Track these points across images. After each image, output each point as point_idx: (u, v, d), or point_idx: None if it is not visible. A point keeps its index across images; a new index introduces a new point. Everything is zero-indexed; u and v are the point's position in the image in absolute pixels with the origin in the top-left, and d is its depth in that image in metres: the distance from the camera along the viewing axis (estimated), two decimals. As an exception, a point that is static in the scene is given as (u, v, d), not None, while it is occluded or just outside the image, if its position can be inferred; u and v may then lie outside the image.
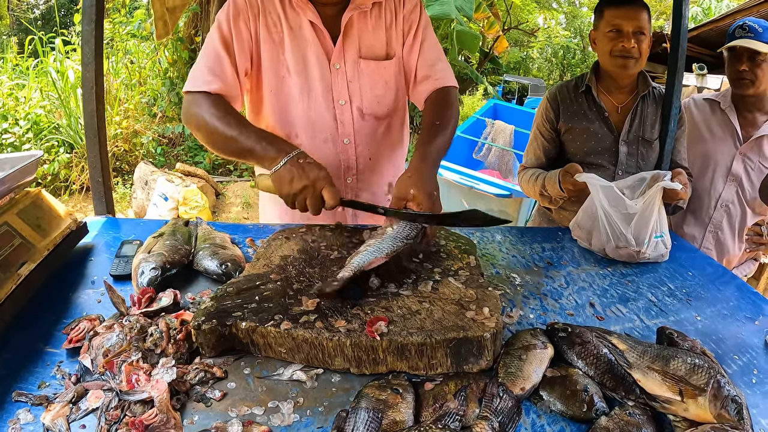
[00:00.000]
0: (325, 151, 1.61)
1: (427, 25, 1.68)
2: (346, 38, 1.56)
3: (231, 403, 0.91)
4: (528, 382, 0.96)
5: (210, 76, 1.45)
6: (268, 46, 1.53)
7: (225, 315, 1.00)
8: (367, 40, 1.59)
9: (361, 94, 1.60)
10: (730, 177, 2.19)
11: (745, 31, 2.00)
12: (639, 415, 0.91)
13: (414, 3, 1.64)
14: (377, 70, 1.61)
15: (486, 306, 1.05)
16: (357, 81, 1.59)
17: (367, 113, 1.63)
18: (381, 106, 1.64)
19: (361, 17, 1.57)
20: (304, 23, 1.52)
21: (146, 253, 1.29)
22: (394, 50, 1.64)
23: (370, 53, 1.60)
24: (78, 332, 1.04)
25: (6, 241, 1.17)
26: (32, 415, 0.87)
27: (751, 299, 1.43)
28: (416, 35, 1.64)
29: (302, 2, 1.51)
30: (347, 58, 1.57)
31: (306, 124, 1.58)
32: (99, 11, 1.59)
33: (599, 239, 1.59)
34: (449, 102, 1.60)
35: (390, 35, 1.62)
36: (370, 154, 1.67)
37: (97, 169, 1.68)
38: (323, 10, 1.53)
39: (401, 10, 1.63)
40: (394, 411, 0.85)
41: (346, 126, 1.61)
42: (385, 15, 1.61)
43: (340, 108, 1.59)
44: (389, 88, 1.65)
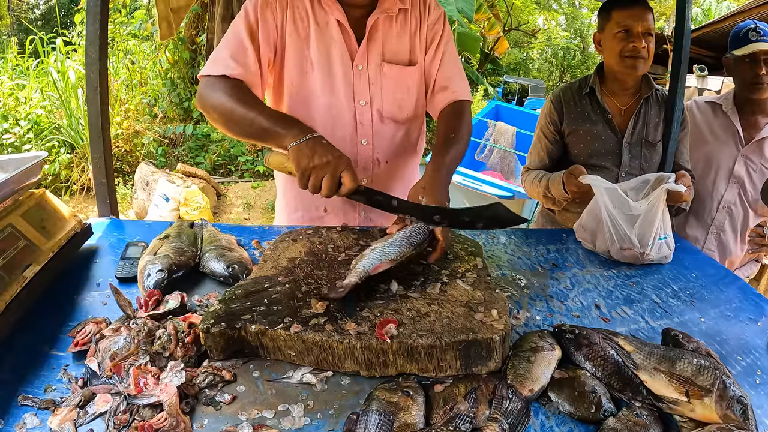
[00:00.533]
0: (342, 149, 1.59)
1: (450, 39, 1.70)
2: (371, 41, 1.57)
3: (241, 406, 0.91)
4: (536, 383, 0.96)
5: (232, 62, 1.43)
6: (293, 40, 1.53)
7: (234, 318, 1.00)
8: (392, 45, 1.60)
9: (382, 97, 1.61)
10: (732, 179, 2.19)
11: (759, 35, 1.98)
12: (646, 415, 0.91)
13: (438, 14, 1.66)
14: (400, 75, 1.62)
15: (494, 308, 1.05)
16: (379, 84, 1.60)
17: (387, 117, 1.63)
18: (401, 111, 1.65)
19: (386, 21, 1.58)
20: (330, 21, 1.53)
21: (152, 255, 1.28)
22: (417, 57, 1.64)
23: (394, 58, 1.61)
24: (84, 335, 1.04)
25: (11, 243, 1.16)
26: (39, 420, 0.86)
27: (754, 300, 1.44)
28: (439, 46, 1.65)
29: (331, 1, 1.52)
30: (370, 61, 1.58)
31: (326, 120, 1.58)
32: (104, 12, 1.59)
33: (603, 241, 1.60)
34: (463, 115, 1.62)
35: (414, 42, 1.63)
36: (386, 157, 1.68)
37: (101, 171, 1.67)
38: (350, 11, 1.54)
39: (426, 19, 1.64)
40: (405, 413, 0.85)
41: (366, 127, 1.61)
42: (410, 22, 1.62)
43: (360, 108, 1.59)
44: (410, 94, 1.65)
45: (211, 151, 6.95)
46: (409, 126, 1.70)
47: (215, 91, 1.40)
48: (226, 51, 1.45)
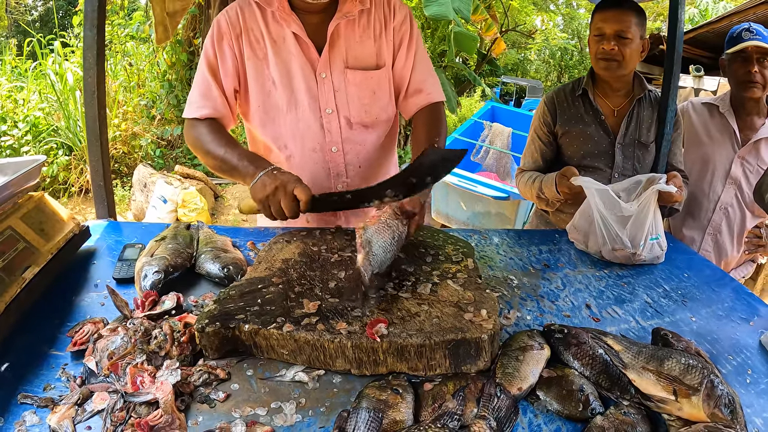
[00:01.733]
0: (315, 159, 1.63)
1: (419, 37, 1.68)
2: (333, 48, 1.56)
3: (234, 404, 0.92)
4: (525, 382, 0.97)
5: (201, 101, 1.54)
6: (252, 63, 1.55)
7: (228, 318, 1.02)
8: (354, 50, 1.58)
9: (348, 104, 1.60)
10: (728, 180, 2.20)
11: (752, 34, 2.00)
12: (634, 414, 0.93)
13: (404, 14, 1.64)
14: (364, 80, 1.60)
15: (484, 308, 1.06)
16: (344, 90, 1.59)
17: (355, 122, 1.63)
18: (369, 115, 1.64)
19: (348, 26, 1.56)
20: (287, 35, 1.52)
21: (149, 256, 1.30)
22: (384, 60, 1.62)
23: (357, 63, 1.59)
24: (82, 335, 1.06)
25: (10, 246, 1.18)
26: (38, 417, 0.88)
27: (746, 300, 1.45)
28: (410, 48, 1.64)
29: (285, 14, 1.51)
30: (333, 68, 1.56)
31: (294, 134, 1.59)
32: (101, 17, 1.61)
33: (595, 241, 1.61)
34: (440, 118, 1.66)
35: (380, 45, 1.61)
36: (359, 161, 1.68)
37: (98, 173, 1.69)
38: (308, 18, 1.53)
39: (391, 20, 1.62)
40: (394, 411, 0.87)
41: (334, 135, 1.61)
42: (374, 24, 1.60)
43: (327, 117, 1.59)
44: (377, 98, 1.64)
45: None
46: (379, 129, 1.70)
47: (193, 132, 1.55)
48: (196, 91, 1.57)
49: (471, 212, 4.44)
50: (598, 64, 1.93)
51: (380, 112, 1.66)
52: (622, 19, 1.83)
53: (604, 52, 1.87)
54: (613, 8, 1.85)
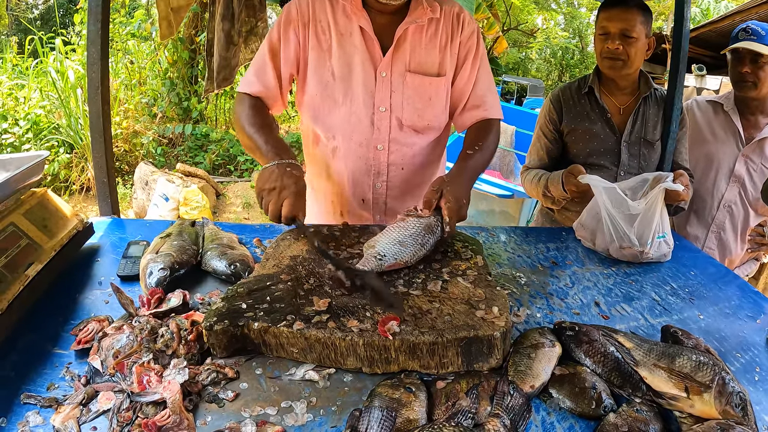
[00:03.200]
0: (359, 154, 1.65)
1: (484, 54, 1.69)
2: (397, 50, 1.57)
3: (244, 403, 0.91)
4: (537, 380, 0.96)
5: (254, 78, 1.60)
6: (315, 53, 1.58)
7: (237, 315, 1.01)
8: (419, 55, 1.60)
9: (403, 106, 1.61)
10: (732, 178, 2.20)
11: (747, 34, 2.01)
12: (646, 411, 0.92)
13: (472, 29, 1.65)
14: (423, 85, 1.61)
15: (495, 305, 1.05)
16: (401, 92, 1.60)
17: (407, 124, 1.63)
18: (421, 120, 1.64)
19: (416, 31, 1.58)
20: (354, 29, 1.55)
21: (154, 253, 1.29)
22: (445, 70, 1.63)
23: (419, 68, 1.60)
24: (87, 333, 1.04)
25: (13, 242, 1.16)
26: (41, 417, 0.86)
27: (753, 298, 1.44)
28: (474, 63, 1.65)
29: (357, 9, 1.54)
30: (394, 69, 1.58)
31: (345, 127, 1.61)
32: (105, 11, 1.59)
33: (603, 239, 1.60)
34: (492, 130, 1.65)
35: (444, 56, 1.62)
36: (402, 164, 1.69)
37: (102, 170, 1.67)
38: (377, 17, 1.56)
39: (458, 34, 1.63)
40: (407, 409, 0.86)
41: (382, 132, 1.62)
42: (441, 34, 1.61)
43: (379, 114, 1.60)
44: (432, 105, 1.64)
45: (211, 150, 6.95)
46: (429, 135, 1.70)
47: (237, 106, 1.60)
48: (252, 69, 1.62)
49: (475, 210, 4.43)
50: (603, 63, 1.92)
51: (433, 119, 1.66)
52: (627, 18, 1.82)
53: (609, 51, 1.87)
54: (618, 7, 1.85)
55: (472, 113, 1.68)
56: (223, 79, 3.31)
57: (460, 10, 1.65)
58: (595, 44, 1.97)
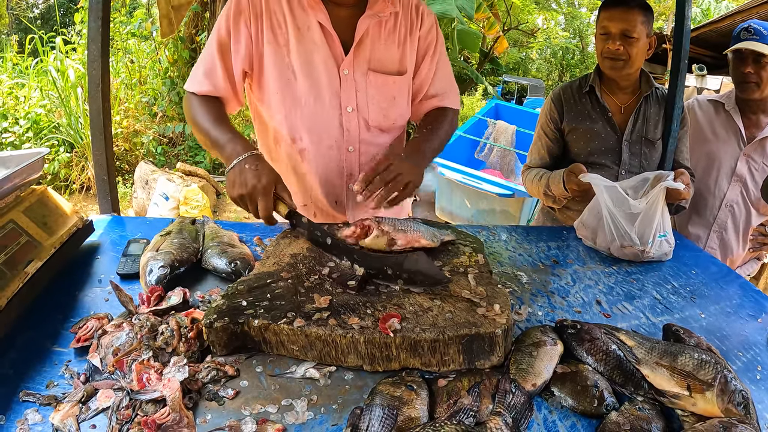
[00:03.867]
0: (329, 157, 1.60)
1: (443, 45, 1.68)
2: (359, 46, 1.52)
3: (244, 401, 0.91)
4: (539, 378, 0.96)
5: (203, 77, 1.50)
6: (272, 48, 1.49)
7: (237, 313, 1.00)
8: (379, 52, 1.55)
9: (368, 106, 1.57)
10: (734, 178, 2.19)
11: (750, 34, 2.00)
12: (648, 409, 0.92)
13: (431, 22, 1.62)
14: (386, 85, 1.57)
15: (497, 303, 1.05)
16: (365, 92, 1.55)
17: (373, 125, 1.60)
18: (386, 120, 1.61)
19: (376, 27, 1.53)
20: (312, 24, 1.47)
21: (154, 251, 1.28)
22: (406, 67, 1.60)
23: (381, 66, 1.56)
24: (86, 331, 1.03)
25: (12, 239, 1.16)
26: (41, 415, 0.86)
27: (754, 297, 1.44)
28: (434, 57, 1.63)
29: (314, 1, 1.46)
30: (357, 67, 1.53)
31: (312, 128, 1.56)
32: (106, 9, 1.59)
33: (604, 238, 1.60)
34: (446, 117, 1.66)
35: (403, 51, 1.58)
36: (371, 164, 1.64)
37: (102, 168, 1.67)
38: (335, 10, 1.49)
39: (418, 28, 1.59)
40: (409, 407, 0.85)
41: (352, 134, 1.59)
42: (400, 29, 1.57)
43: (347, 115, 1.56)
44: (396, 104, 1.61)
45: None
46: (393, 134, 1.68)
47: (188, 106, 1.52)
48: (201, 67, 1.52)
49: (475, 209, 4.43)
50: (604, 63, 1.92)
51: (398, 118, 1.64)
52: (628, 18, 1.82)
53: (610, 52, 1.86)
54: (619, 6, 1.84)
55: (429, 103, 1.68)
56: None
57: (418, 2, 1.61)
58: (595, 44, 1.97)
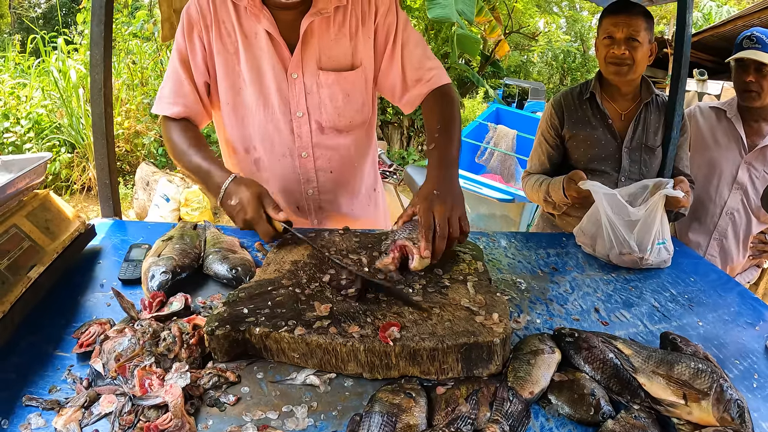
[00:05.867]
0: (284, 164, 1.58)
1: (406, 25, 1.56)
2: (305, 46, 1.47)
3: (245, 407, 0.91)
4: (537, 386, 0.97)
5: (172, 98, 1.49)
6: (222, 58, 1.47)
7: (238, 320, 1.01)
8: (328, 49, 1.49)
9: (320, 107, 1.53)
10: (735, 185, 2.20)
11: (752, 42, 2.00)
12: (644, 418, 0.92)
13: (387, 6, 1.53)
14: (338, 82, 1.51)
15: (495, 311, 1.06)
16: (316, 93, 1.51)
17: (327, 126, 1.56)
18: (342, 119, 1.56)
19: (322, 24, 1.47)
20: (259, 31, 1.45)
21: (156, 256, 1.29)
22: (360, 60, 1.53)
23: (331, 63, 1.50)
24: (88, 336, 1.04)
25: (15, 244, 1.16)
26: (44, 420, 0.87)
27: (752, 305, 1.45)
28: (395, 41, 1.54)
29: (257, 9, 1.42)
30: (305, 68, 1.49)
31: (264, 136, 1.54)
32: (108, 13, 1.60)
33: (603, 245, 1.61)
34: (449, 100, 1.54)
35: (356, 44, 1.52)
36: (330, 167, 1.62)
37: (104, 172, 1.68)
38: (281, 15, 1.45)
39: (370, 16, 1.52)
40: (407, 415, 0.86)
41: (304, 139, 1.55)
42: (350, 21, 1.50)
43: (297, 120, 1.53)
44: (350, 100, 1.55)
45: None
46: (353, 132, 1.62)
47: (165, 132, 1.51)
48: (168, 86, 1.50)
49: (475, 214, 4.44)
50: (607, 68, 1.92)
51: (354, 115, 1.58)
52: (633, 24, 1.83)
53: (615, 57, 1.87)
54: (623, 13, 1.85)
55: (417, 89, 1.57)
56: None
57: None
58: (597, 50, 1.98)
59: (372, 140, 1.76)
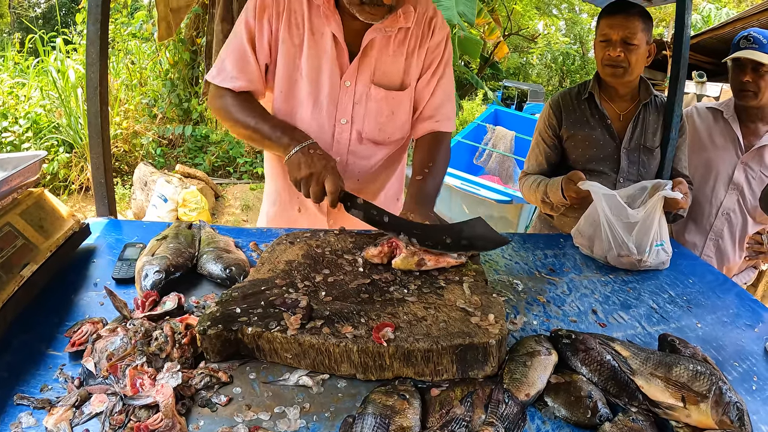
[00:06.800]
0: None
1: (449, 61, 1.65)
2: (364, 59, 1.52)
3: (237, 408, 0.91)
4: (533, 388, 0.96)
5: (236, 71, 1.49)
6: (286, 47, 1.50)
7: (231, 320, 1.00)
8: (384, 65, 1.54)
9: (365, 118, 1.57)
10: (731, 186, 2.20)
11: (749, 42, 2.00)
12: (642, 421, 0.92)
13: (442, 36, 1.60)
14: (386, 99, 1.57)
15: (491, 312, 1.05)
16: (364, 104, 1.56)
17: (366, 138, 1.60)
18: (381, 134, 1.61)
19: (383, 41, 1.52)
20: (326, 32, 1.49)
21: (150, 256, 1.28)
22: (410, 81, 1.59)
23: (384, 80, 1.56)
24: (81, 335, 1.03)
25: (8, 242, 1.16)
26: (34, 419, 0.86)
27: (751, 307, 1.44)
28: (435, 72, 1.61)
29: (330, 11, 1.46)
30: (359, 79, 1.53)
31: (307, 131, 1.54)
32: (105, 12, 1.59)
33: (601, 247, 1.60)
34: (446, 146, 1.63)
35: (409, 64, 1.57)
36: (359, 175, 1.66)
37: (99, 171, 1.67)
38: (349, 23, 1.48)
39: (428, 40, 1.58)
40: (401, 417, 0.85)
41: (342, 145, 1.59)
42: (409, 41, 1.56)
43: (340, 126, 1.57)
44: (394, 119, 1.60)
45: (210, 152, 6.95)
46: (388, 148, 1.67)
47: (222, 102, 1.50)
48: (230, 61, 1.50)
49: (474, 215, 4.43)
50: (604, 70, 1.92)
51: (394, 132, 1.63)
52: (629, 26, 1.82)
53: (611, 59, 1.87)
54: (619, 14, 1.84)
55: (424, 124, 1.64)
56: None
57: (434, 14, 1.60)
58: (595, 51, 1.97)
59: (403, 155, 1.81)
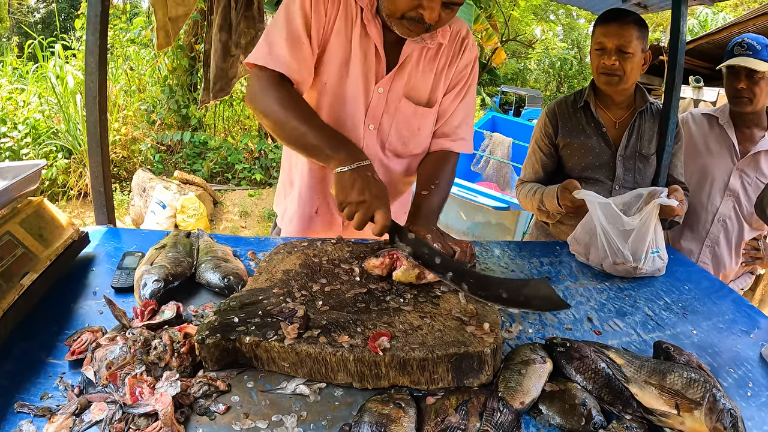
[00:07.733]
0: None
1: (473, 83, 1.64)
2: (400, 70, 1.51)
3: (235, 416, 0.91)
4: (527, 396, 0.97)
5: (288, 55, 1.36)
6: (338, 39, 1.45)
7: (229, 329, 1.01)
8: (415, 79, 1.54)
9: (390, 129, 1.57)
10: (727, 192, 2.20)
11: (743, 49, 2.02)
12: (636, 428, 0.93)
13: (471, 57, 1.60)
14: (414, 114, 1.56)
15: (486, 321, 1.06)
16: (392, 115, 1.55)
17: (389, 149, 1.60)
18: (404, 147, 1.61)
19: (417, 53, 1.52)
20: (371, 34, 1.46)
21: (148, 264, 1.29)
22: (436, 98, 1.59)
23: (414, 94, 1.55)
24: (80, 344, 1.04)
25: (8, 251, 1.16)
26: (35, 427, 0.87)
27: (747, 313, 1.45)
28: (460, 93, 1.61)
29: (372, 15, 1.43)
30: (392, 88, 1.52)
31: (341, 127, 1.52)
32: (104, 22, 1.60)
33: (597, 254, 1.61)
34: (449, 164, 1.61)
35: (438, 81, 1.57)
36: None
37: (98, 179, 1.68)
38: (388, 33, 1.46)
39: (458, 60, 1.57)
40: (396, 425, 0.86)
41: (369, 151, 1.57)
42: (440, 58, 1.55)
43: (368, 132, 1.56)
44: (418, 134, 1.60)
45: (209, 158, 6.96)
46: (409, 161, 1.67)
47: (266, 95, 1.36)
48: (282, 42, 1.37)
49: (471, 222, 4.44)
50: (599, 78, 1.93)
51: (416, 146, 1.63)
52: (624, 34, 1.83)
53: (605, 67, 1.88)
54: (614, 22, 1.85)
55: (438, 140, 1.63)
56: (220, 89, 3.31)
57: (467, 35, 1.59)
58: (591, 59, 1.99)
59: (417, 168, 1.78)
